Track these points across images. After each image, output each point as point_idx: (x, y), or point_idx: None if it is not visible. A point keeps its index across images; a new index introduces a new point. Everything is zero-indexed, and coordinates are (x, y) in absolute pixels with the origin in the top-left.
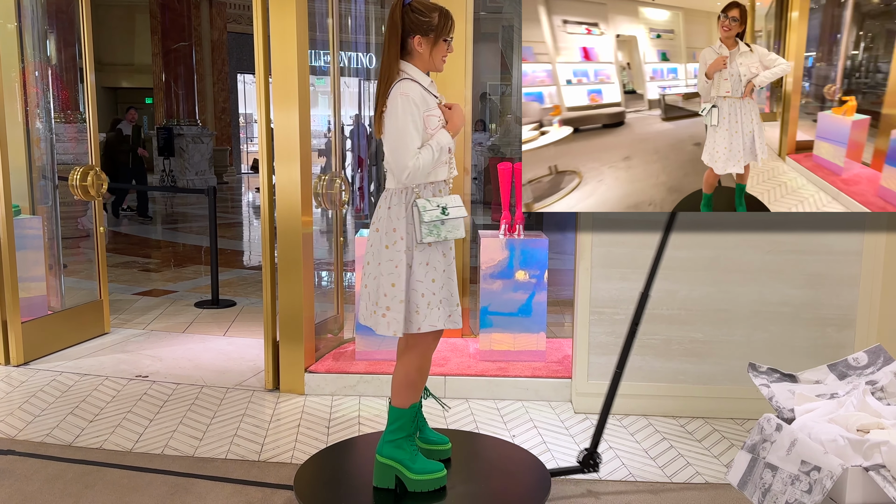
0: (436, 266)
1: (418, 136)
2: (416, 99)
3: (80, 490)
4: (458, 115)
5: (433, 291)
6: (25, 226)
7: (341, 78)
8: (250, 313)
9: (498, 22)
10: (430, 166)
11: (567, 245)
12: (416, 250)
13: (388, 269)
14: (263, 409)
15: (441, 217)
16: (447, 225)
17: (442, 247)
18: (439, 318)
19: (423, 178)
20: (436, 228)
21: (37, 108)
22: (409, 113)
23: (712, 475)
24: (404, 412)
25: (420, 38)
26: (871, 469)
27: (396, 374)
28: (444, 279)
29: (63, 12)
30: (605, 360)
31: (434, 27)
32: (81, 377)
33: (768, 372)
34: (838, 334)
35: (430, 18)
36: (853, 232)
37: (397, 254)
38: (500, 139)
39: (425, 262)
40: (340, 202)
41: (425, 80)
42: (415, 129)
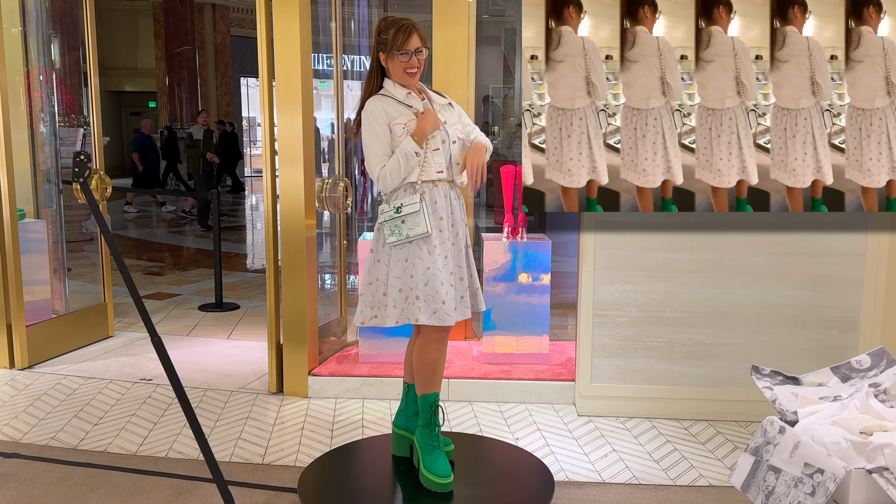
0: (414, 263)
1: (381, 145)
2: (375, 113)
3: (85, 493)
4: (424, 119)
5: (411, 287)
6: (30, 229)
7: (344, 81)
8: (254, 316)
9: (501, 25)
10: (398, 172)
11: (570, 247)
12: (394, 248)
13: (375, 269)
14: (267, 412)
15: (396, 216)
16: (407, 223)
17: (426, 245)
18: (418, 312)
19: (396, 184)
20: (396, 228)
21: (41, 112)
22: (370, 128)
23: (716, 478)
24: (422, 399)
25: (382, 54)
26: (875, 471)
27: (418, 367)
28: (427, 277)
29: (67, 16)
30: (609, 362)
31: (387, 42)
32: (86, 380)
33: (771, 374)
34: (842, 337)
35: (386, 35)
36: (856, 233)
37: (383, 254)
38: (502, 142)
39: (404, 259)
40: (344, 205)
41: (400, 93)
42: (377, 141)
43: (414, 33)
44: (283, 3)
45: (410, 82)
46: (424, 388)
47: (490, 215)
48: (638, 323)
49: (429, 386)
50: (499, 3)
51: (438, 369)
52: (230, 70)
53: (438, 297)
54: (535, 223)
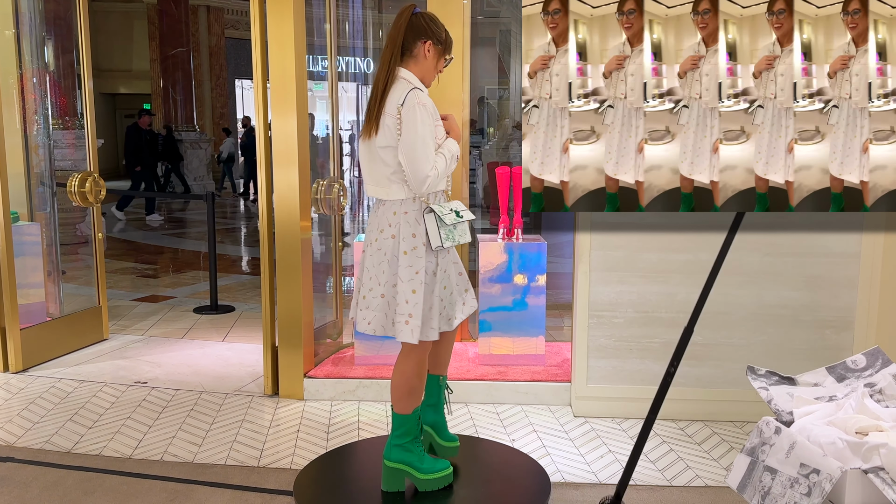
0: (450, 273)
1: (433, 143)
2: (431, 109)
3: (80, 497)
4: (455, 124)
5: (441, 298)
6: (24, 232)
7: (339, 83)
8: (249, 318)
9: (495, 26)
10: (444, 174)
11: (566, 248)
12: (438, 257)
13: (408, 275)
14: (263, 414)
15: (455, 221)
16: (458, 229)
17: (452, 255)
18: (445, 323)
19: (434, 187)
20: (451, 233)
21: (35, 115)
22: (428, 124)
23: (712, 478)
24: (408, 417)
25: (432, 44)
26: (870, 471)
27: (396, 382)
28: (452, 286)
29: (61, 18)
30: (605, 363)
31: (443, 40)
32: (80, 383)
33: (767, 375)
34: (837, 336)
35: (440, 29)
36: (851, 233)
37: (418, 260)
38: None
39: (444, 270)
40: (339, 207)
41: (424, 89)
42: (432, 140)
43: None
44: (277, 5)
45: (430, 83)
46: (414, 402)
47: (485, 216)
48: (633, 323)
49: (418, 400)
50: (493, 4)
51: (425, 381)
52: (225, 72)
53: (455, 306)
54: (531, 224)
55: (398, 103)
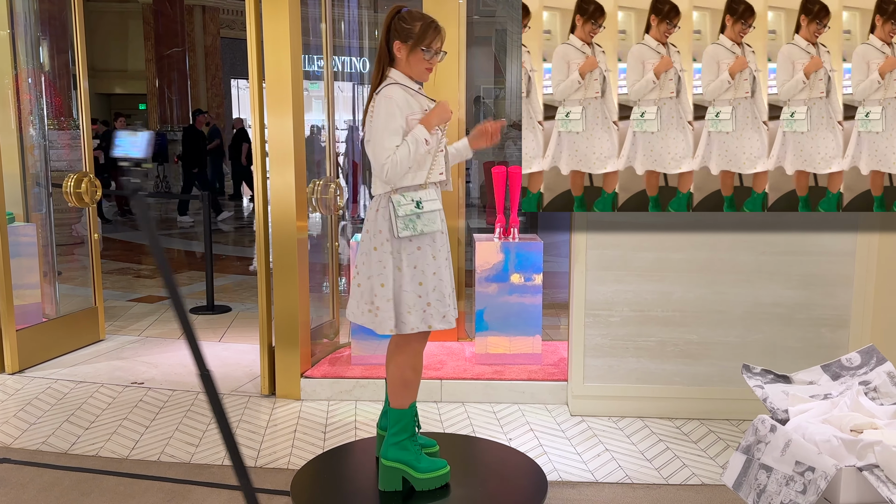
0: (423, 269)
1: (395, 133)
2: (398, 101)
3: (77, 498)
4: (438, 109)
5: (419, 294)
6: (20, 233)
7: (335, 82)
8: (246, 319)
9: (491, 25)
10: (408, 161)
11: (562, 247)
12: (403, 252)
13: (377, 269)
14: (259, 414)
15: (416, 211)
16: (423, 219)
17: (431, 249)
18: (431, 318)
19: (401, 175)
20: (411, 222)
21: (30, 115)
22: (390, 114)
23: (708, 476)
24: (405, 412)
25: (399, 43)
26: (865, 469)
27: (391, 376)
28: (434, 281)
29: (56, 19)
30: (601, 362)
31: (412, 35)
32: (77, 384)
33: (762, 373)
34: (832, 335)
35: (411, 26)
36: (846, 232)
37: (385, 255)
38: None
39: (413, 266)
40: (335, 207)
41: (413, 86)
42: (393, 130)
43: (441, 32)
44: (272, 5)
45: (425, 78)
46: (410, 397)
47: (482, 215)
48: (630, 322)
49: (413, 394)
50: (489, 3)
51: (421, 375)
52: (220, 72)
53: (446, 300)
54: (527, 223)
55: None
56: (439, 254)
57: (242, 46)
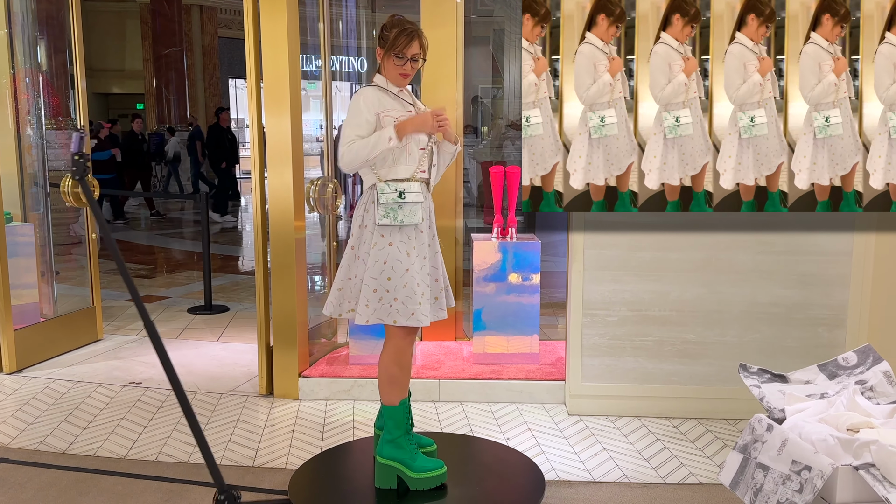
0: (393, 265)
1: (359, 125)
2: (368, 98)
3: (75, 497)
4: (418, 116)
5: (374, 288)
6: (17, 233)
7: (333, 82)
8: (244, 318)
9: (489, 25)
10: (365, 150)
11: (560, 247)
12: (374, 246)
13: (362, 264)
14: (257, 414)
15: (398, 200)
16: (404, 209)
17: (405, 246)
18: (397, 314)
19: (356, 165)
20: (392, 211)
21: (28, 115)
22: (356, 107)
23: (706, 475)
24: (395, 409)
25: (379, 49)
26: (861, 468)
27: (378, 373)
28: (405, 278)
29: (53, 18)
30: (598, 361)
31: (387, 42)
32: (75, 384)
33: (759, 372)
34: (829, 334)
35: (388, 33)
36: (843, 232)
37: (362, 245)
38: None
39: (379, 260)
40: (333, 206)
41: (392, 90)
42: (356, 123)
43: (416, 40)
44: (270, 5)
45: (401, 84)
46: (398, 393)
47: (479, 215)
48: (627, 322)
49: (402, 390)
50: (487, 3)
51: (409, 372)
52: (218, 71)
53: (415, 298)
54: (525, 223)
55: None
56: (415, 251)
57: (240, 46)
